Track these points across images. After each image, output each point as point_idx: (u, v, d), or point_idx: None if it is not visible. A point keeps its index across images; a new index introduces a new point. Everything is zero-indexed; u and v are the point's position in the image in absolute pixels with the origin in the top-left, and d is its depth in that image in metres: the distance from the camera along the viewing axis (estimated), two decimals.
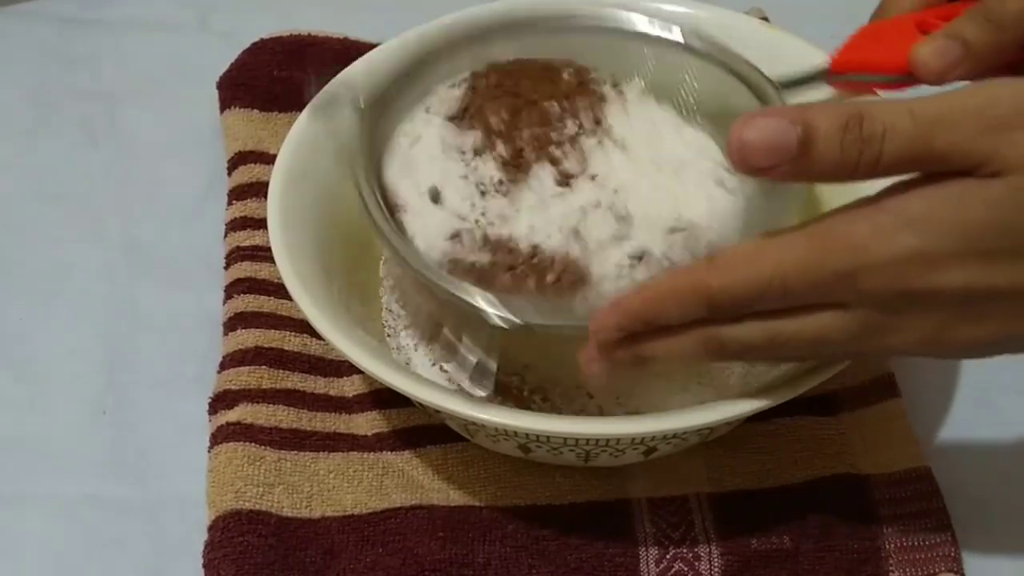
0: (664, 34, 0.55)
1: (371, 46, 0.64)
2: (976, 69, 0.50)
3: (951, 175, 0.41)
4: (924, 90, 0.53)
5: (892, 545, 0.51)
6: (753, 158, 0.41)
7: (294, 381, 0.56)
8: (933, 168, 0.41)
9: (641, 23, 0.55)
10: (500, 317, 0.46)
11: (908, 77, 0.52)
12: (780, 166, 0.41)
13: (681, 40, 0.55)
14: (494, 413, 0.47)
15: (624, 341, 0.44)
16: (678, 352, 0.44)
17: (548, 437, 0.49)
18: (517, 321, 0.46)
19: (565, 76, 0.52)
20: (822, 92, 0.56)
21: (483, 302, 0.47)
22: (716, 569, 0.51)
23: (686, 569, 0.51)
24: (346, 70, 0.59)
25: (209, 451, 0.54)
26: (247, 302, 0.59)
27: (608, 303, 0.45)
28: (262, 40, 0.70)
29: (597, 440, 0.49)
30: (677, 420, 0.47)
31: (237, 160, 0.65)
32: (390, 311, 0.57)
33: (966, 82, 0.49)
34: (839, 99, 0.55)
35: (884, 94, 0.54)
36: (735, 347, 0.44)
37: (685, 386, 0.53)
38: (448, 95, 0.52)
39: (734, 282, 0.42)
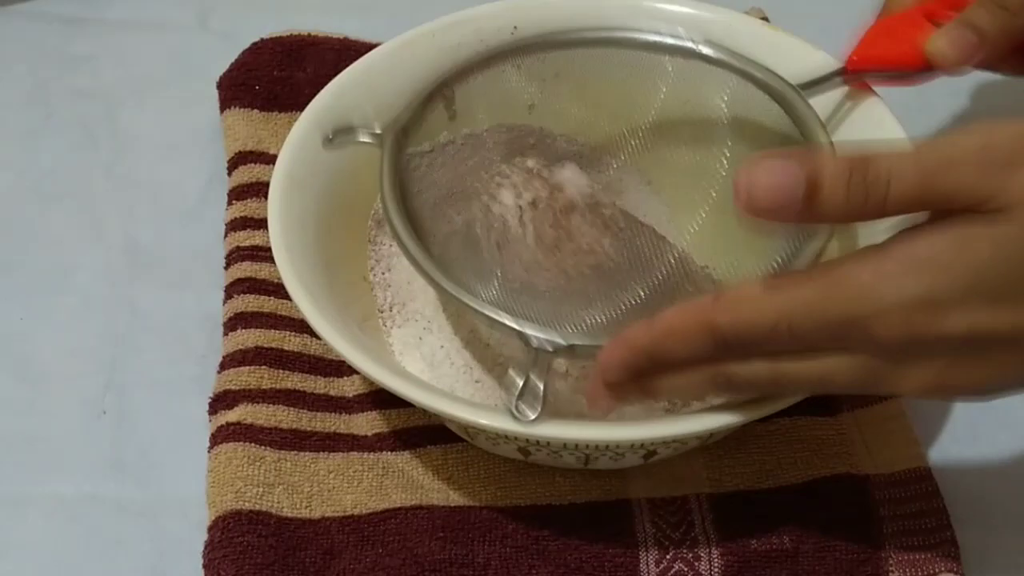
0: (678, 42, 0.55)
1: (371, 46, 0.64)
2: (990, 56, 0.51)
3: (956, 216, 0.41)
4: (941, 84, 0.54)
5: (892, 545, 0.51)
6: (760, 201, 0.41)
7: (294, 381, 0.56)
8: (938, 208, 0.41)
9: (651, 34, 0.55)
10: (543, 339, 0.46)
11: (925, 70, 0.52)
12: (787, 209, 0.41)
13: (694, 47, 0.55)
14: (492, 418, 0.47)
15: (631, 378, 0.45)
16: (685, 388, 0.45)
17: (548, 441, 0.49)
18: (561, 343, 0.46)
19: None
20: (839, 92, 0.56)
21: (527, 327, 0.47)
22: (716, 569, 0.51)
23: (686, 569, 0.51)
24: (345, 74, 0.59)
25: (209, 451, 0.54)
26: (247, 302, 0.59)
27: (614, 340, 0.45)
28: (262, 40, 0.70)
29: (597, 444, 0.49)
30: (677, 426, 0.47)
31: (237, 160, 0.65)
32: (383, 311, 0.57)
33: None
34: (853, 100, 0.55)
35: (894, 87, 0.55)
36: (742, 383, 0.44)
37: None
38: None
39: (741, 322, 0.42)
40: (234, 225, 0.62)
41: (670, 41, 0.55)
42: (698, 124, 0.56)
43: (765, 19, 0.69)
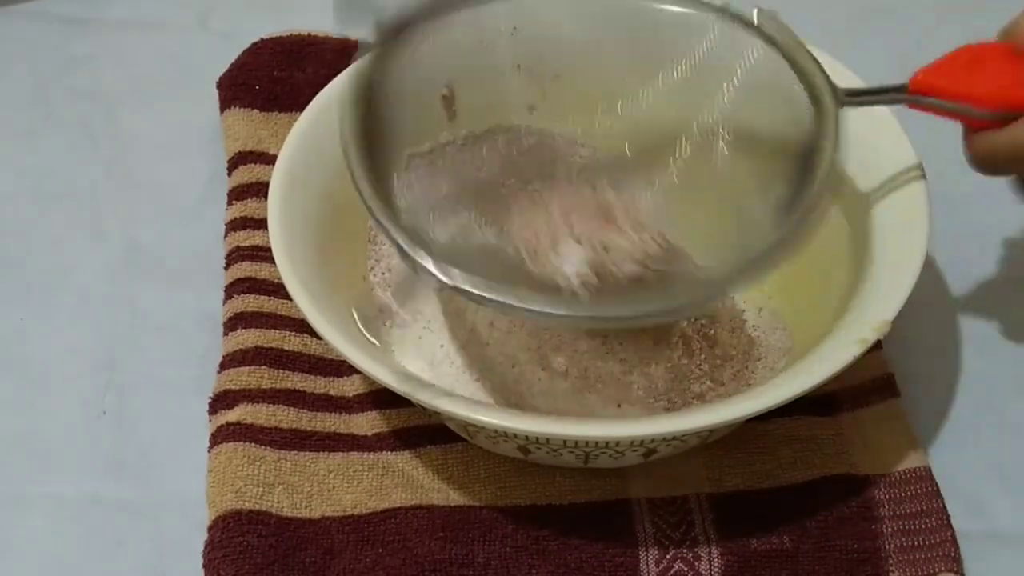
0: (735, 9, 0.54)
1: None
2: None
3: None
4: None
5: (892, 545, 0.51)
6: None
7: (294, 381, 0.56)
8: None
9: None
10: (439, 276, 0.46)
11: (1000, 114, 0.48)
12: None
13: (754, 20, 0.53)
14: (492, 415, 0.47)
15: None
16: None
17: (547, 439, 0.49)
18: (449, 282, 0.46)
19: None
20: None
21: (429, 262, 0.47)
22: (716, 569, 0.51)
23: (686, 569, 0.51)
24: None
25: (209, 451, 0.54)
26: (247, 302, 0.59)
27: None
28: (262, 40, 0.70)
29: (597, 442, 0.49)
30: (677, 422, 0.47)
31: (237, 160, 0.65)
32: (383, 311, 0.57)
33: None
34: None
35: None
36: None
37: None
38: None
39: None
40: (234, 225, 0.62)
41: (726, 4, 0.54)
42: (697, 115, 0.55)
43: None
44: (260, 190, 0.62)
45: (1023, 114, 0.47)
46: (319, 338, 0.50)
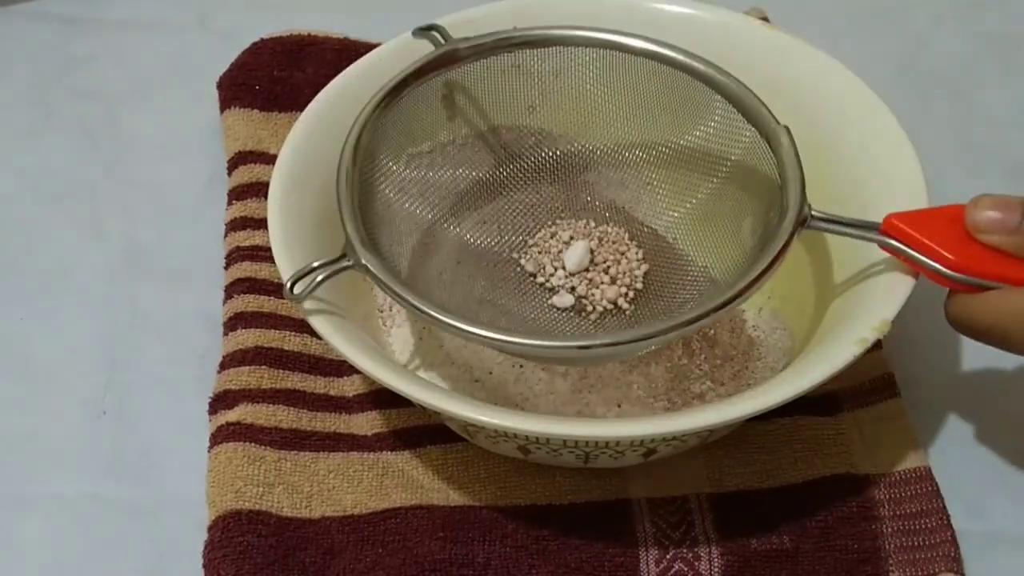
0: (673, 54, 0.54)
1: (371, 46, 0.64)
2: None
3: None
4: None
5: (892, 545, 0.51)
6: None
7: (294, 381, 0.56)
8: None
9: (648, 42, 0.54)
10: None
11: (971, 280, 0.48)
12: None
13: (688, 62, 0.53)
14: (492, 415, 0.47)
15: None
16: None
17: (547, 439, 0.49)
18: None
19: None
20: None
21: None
22: (716, 569, 0.51)
23: (686, 569, 0.51)
24: (345, 74, 0.59)
25: (209, 451, 0.54)
26: (247, 302, 0.59)
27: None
28: (262, 40, 0.70)
29: (597, 442, 0.49)
30: (677, 422, 0.47)
31: (237, 160, 0.65)
32: (383, 311, 0.57)
33: None
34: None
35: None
36: None
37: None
38: None
39: None
40: (234, 225, 0.62)
41: (666, 52, 0.54)
42: (685, 130, 0.55)
43: (765, 19, 0.69)
44: (260, 190, 0.62)
45: (995, 284, 0.48)
46: (319, 338, 0.50)
